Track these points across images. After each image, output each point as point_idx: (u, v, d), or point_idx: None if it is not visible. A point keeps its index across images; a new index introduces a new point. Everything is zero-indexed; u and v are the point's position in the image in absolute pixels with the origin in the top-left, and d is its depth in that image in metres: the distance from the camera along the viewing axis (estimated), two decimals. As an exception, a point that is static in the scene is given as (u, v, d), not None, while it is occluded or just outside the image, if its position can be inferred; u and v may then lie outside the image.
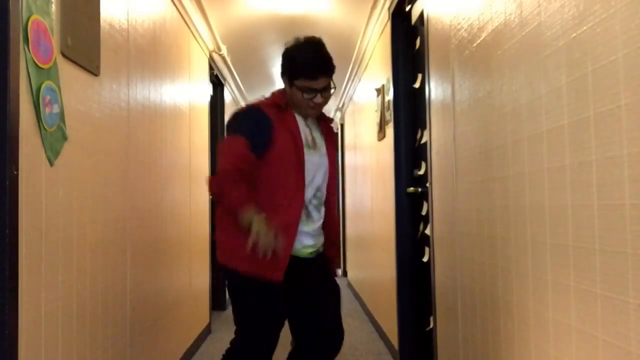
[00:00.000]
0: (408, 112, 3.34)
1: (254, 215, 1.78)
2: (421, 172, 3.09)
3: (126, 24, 2.37)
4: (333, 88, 2.02)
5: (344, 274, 7.35)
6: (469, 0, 1.96)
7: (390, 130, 3.52)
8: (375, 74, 4.18)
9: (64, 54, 1.74)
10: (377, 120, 4.01)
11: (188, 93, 3.67)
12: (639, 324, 1.03)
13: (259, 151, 1.90)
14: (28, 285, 1.53)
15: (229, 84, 5.61)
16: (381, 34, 3.82)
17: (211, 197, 1.99)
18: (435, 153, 2.50)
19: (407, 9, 3.16)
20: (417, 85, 3.15)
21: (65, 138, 1.75)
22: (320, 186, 2.06)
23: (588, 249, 1.19)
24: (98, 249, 2.03)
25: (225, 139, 1.96)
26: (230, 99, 5.86)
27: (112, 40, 2.20)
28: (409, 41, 3.32)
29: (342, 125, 7.34)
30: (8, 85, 1.41)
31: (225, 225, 1.98)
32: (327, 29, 4.37)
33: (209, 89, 4.57)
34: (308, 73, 1.93)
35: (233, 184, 1.84)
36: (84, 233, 1.90)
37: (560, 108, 1.30)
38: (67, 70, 1.78)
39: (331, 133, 2.19)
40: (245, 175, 1.88)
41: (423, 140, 2.94)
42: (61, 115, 1.71)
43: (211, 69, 4.56)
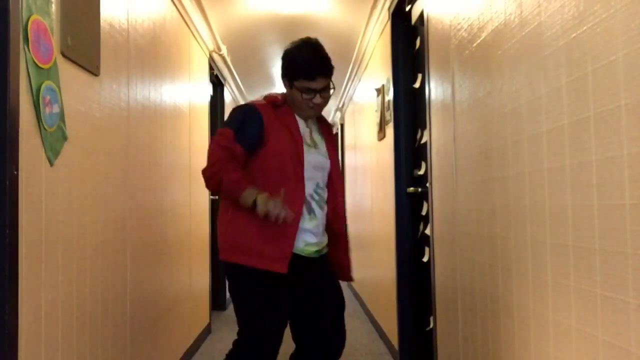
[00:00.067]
0: (408, 112, 3.34)
1: (255, 193, 1.80)
2: (421, 172, 3.09)
3: (126, 24, 2.37)
4: (332, 89, 2.04)
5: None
6: (469, 0, 1.96)
7: (390, 130, 3.52)
8: (375, 74, 4.18)
9: (64, 54, 1.74)
10: (377, 120, 4.02)
11: (188, 93, 3.67)
12: (639, 324, 1.03)
13: (247, 144, 1.92)
14: (28, 285, 1.53)
15: (229, 84, 5.61)
16: (381, 34, 3.82)
17: (210, 189, 1.99)
18: (435, 153, 2.50)
19: (407, 9, 3.16)
20: (417, 85, 3.15)
21: (65, 138, 1.75)
22: (321, 184, 2.06)
23: (588, 249, 1.19)
24: (98, 249, 2.03)
25: (215, 135, 1.99)
26: (230, 99, 5.85)
27: (112, 40, 2.20)
28: (409, 41, 3.32)
29: (342, 125, 7.34)
30: (8, 85, 1.41)
31: (226, 222, 1.97)
32: (327, 29, 4.38)
33: (209, 89, 4.57)
34: (307, 73, 1.95)
35: (227, 170, 1.86)
36: (84, 233, 1.90)
37: (560, 108, 1.30)
38: (67, 70, 1.78)
39: (332, 137, 2.20)
40: (236, 162, 1.90)
41: (423, 140, 2.94)
42: (61, 115, 1.71)
43: (211, 69, 4.56)
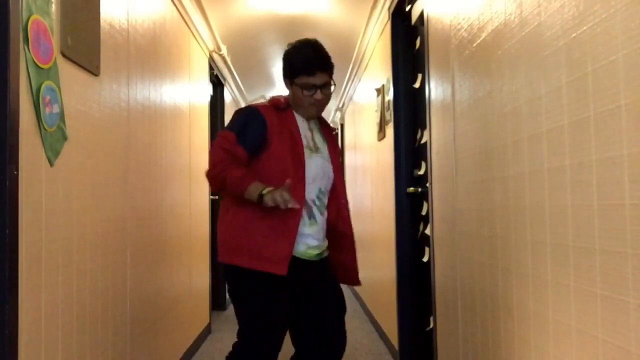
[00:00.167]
0: (408, 112, 3.34)
1: (261, 186, 1.80)
2: (421, 172, 3.09)
3: (126, 24, 2.37)
4: (333, 85, 2.04)
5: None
6: (469, 0, 1.96)
7: (390, 130, 3.52)
8: (375, 74, 4.18)
9: (64, 54, 1.74)
10: (377, 120, 4.01)
11: (188, 93, 3.67)
12: (639, 324, 1.03)
13: (249, 147, 1.92)
14: (28, 285, 1.53)
15: (229, 84, 5.61)
16: (381, 34, 3.82)
17: (214, 190, 1.98)
18: (435, 153, 2.50)
19: (407, 9, 3.16)
20: (417, 85, 3.15)
21: (65, 138, 1.75)
22: (323, 188, 2.05)
23: (588, 249, 1.19)
24: (98, 249, 2.03)
25: (217, 137, 1.99)
26: (230, 99, 5.85)
27: (112, 40, 2.20)
28: (409, 41, 3.32)
29: (342, 125, 7.34)
30: (8, 85, 1.41)
31: (227, 223, 1.97)
32: (327, 29, 4.38)
33: (209, 89, 4.57)
34: (306, 69, 1.97)
35: (230, 168, 1.86)
36: (84, 233, 1.90)
37: (560, 108, 1.30)
38: (67, 70, 1.78)
39: (333, 139, 2.19)
40: (238, 162, 1.89)
41: (423, 140, 2.94)
42: (61, 115, 1.71)
43: (211, 69, 4.56)
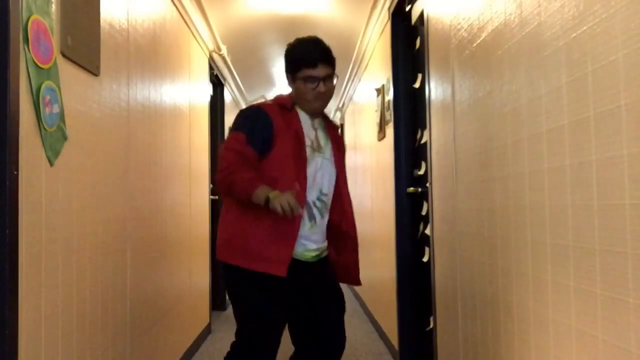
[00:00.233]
0: (408, 112, 3.34)
1: (267, 190, 1.79)
2: (421, 172, 3.09)
3: (126, 24, 2.37)
4: (336, 77, 2.04)
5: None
6: (469, 0, 1.96)
7: (390, 130, 3.52)
8: (375, 74, 4.18)
9: (64, 54, 1.74)
10: (377, 120, 4.01)
11: (188, 93, 3.67)
12: (639, 324, 1.03)
13: (259, 148, 1.92)
14: (28, 285, 1.53)
15: (229, 84, 5.61)
16: (381, 34, 3.82)
17: (223, 193, 1.97)
18: (435, 153, 2.50)
19: (407, 9, 3.16)
20: (417, 85, 3.15)
21: (65, 138, 1.75)
22: (324, 190, 2.05)
23: (588, 249, 1.19)
24: (98, 249, 2.03)
25: (227, 138, 1.99)
26: (230, 99, 5.86)
27: (112, 40, 2.20)
28: (409, 41, 3.32)
29: (342, 125, 7.34)
30: (8, 85, 1.41)
31: (228, 222, 1.97)
32: (327, 29, 4.37)
33: (209, 89, 4.57)
34: (308, 61, 1.97)
35: (239, 171, 1.86)
36: (84, 233, 1.90)
37: (560, 108, 1.30)
38: (67, 70, 1.78)
39: (338, 138, 2.18)
40: (248, 165, 1.89)
41: (423, 140, 2.94)
42: (61, 115, 1.71)
43: (211, 69, 4.56)
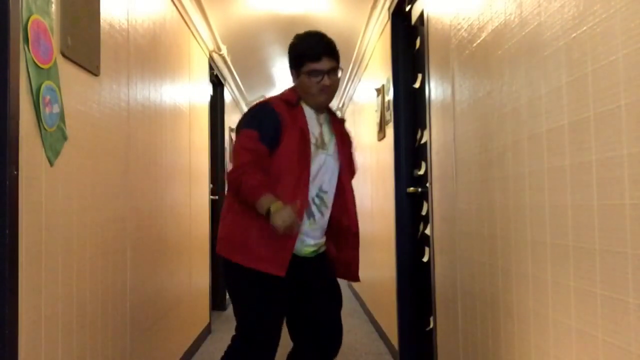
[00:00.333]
0: (408, 112, 3.34)
1: (270, 201, 1.79)
2: (421, 172, 3.09)
3: (126, 24, 2.37)
4: (340, 70, 2.04)
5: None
6: (469, 0, 1.96)
7: (390, 130, 3.52)
8: (375, 74, 4.18)
9: (64, 54, 1.74)
10: (377, 120, 4.01)
11: (188, 93, 3.67)
12: (639, 324, 1.03)
13: (269, 144, 1.92)
14: (28, 285, 1.53)
15: (229, 84, 5.61)
16: (381, 34, 3.82)
17: (232, 192, 1.97)
18: (435, 153, 2.50)
19: (407, 9, 3.16)
20: (417, 85, 3.15)
21: (65, 138, 1.75)
22: (324, 187, 2.04)
23: (588, 249, 1.19)
24: (98, 249, 2.03)
25: (238, 136, 1.97)
26: (230, 99, 5.85)
27: (112, 40, 2.20)
28: (409, 41, 3.32)
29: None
30: (8, 85, 1.41)
31: (230, 219, 1.97)
32: (327, 29, 4.35)
33: (209, 89, 4.57)
34: (311, 54, 1.97)
35: (247, 174, 1.86)
36: (84, 233, 1.90)
37: (560, 108, 1.30)
38: (67, 70, 1.78)
39: (345, 136, 2.18)
40: (260, 166, 1.89)
41: (423, 140, 2.94)
42: (61, 115, 1.71)
43: (211, 69, 4.56)
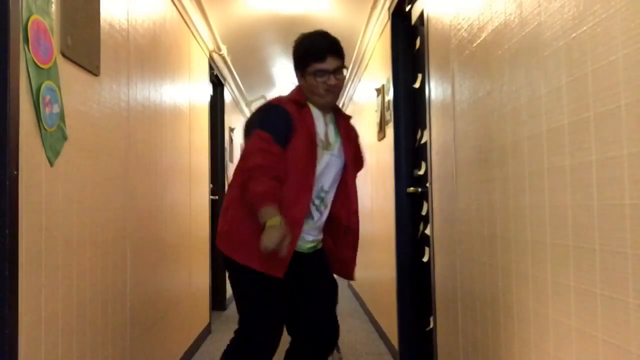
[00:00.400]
0: (408, 112, 3.34)
1: (269, 215, 1.74)
2: (421, 172, 3.09)
3: (126, 24, 2.37)
4: (345, 68, 2.04)
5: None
6: (469, 0, 1.96)
7: (390, 130, 3.52)
8: (375, 74, 4.18)
9: (64, 54, 1.74)
10: (377, 120, 4.01)
11: (188, 93, 3.67)
12: (639, 324, 1.03)
13: (283, 145, 1.89)
14: (28, 285, 1.53)
15: (229, 84, 5.61)
16: (381, 34, 3.82)
17: (236, 187, 1.93)
18: (435, 153, 2.50)
19: (407, 9, 3.16)
20: (417, 85, 3.15)
21: (65, 138, 1.75)
22: (325, 187, 2.04)
23: (588, 249, 1.19)
24: (98, 249, 2.03)
25: (252, 137, 1.91)
26: (230, 99, 5.85)
27: (112, 40, 2.20)
28: (409, 41, 3.32)
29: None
30: (8, 85, 1.41)
31: (230, 215, 1.96)
32: (327, 29, 4.34)
33: (209, 89, 4.57)
34: (316, 54, 1.97)
35: (255, 179, 1.80)
36: (84, 233, 1.90)
37: (560, 108, 1.30)
38: (67, 70, 1.78)
39: (351, 132, 2.16)
40: (273, 171, 1.83)
41: (423, 140, 2.94)
42: (61, 115, 1.71)
43: (211, 69, 4.56)
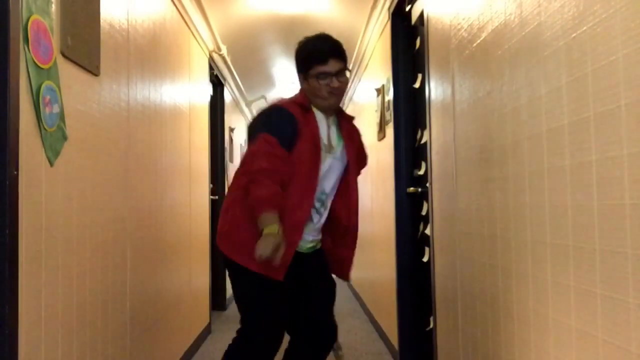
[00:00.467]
0: (408, 112, 3.34)
1: (268, 222, 1.73)
2: (421, 172, 3.09)
3: (126, 24, 2.37)
4: (348, 70, 2.04)
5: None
6: (469, 0, 1.96)
7: (390, 130, 3.52)
8: (375, 74, 4.18)
9: (64, 54, 1.74)
10: (377, 120, 4.01)
11: (188, 93, 3.67)
12: (639, 324, 1.03)
13: (288, 148, 1.89)
14: (28, 285, 1.53)
15: (229, 84, 5.61)
16: (381, 34, 3.82)
17: (238, 188, 1.93)
18: (435, 153, 2.50)
19: (407, 9, 3.16)
20: (417, 85, 3.15)
21: (65, 138, 1.75)
22: (327, 190, 2.05)
23: (588, 249, 1.19)
24: (98, 249, 2.03)
25: (257, 140, 1.89)
26: (230, 99, 5.85)
27: (112, 40, 2.20)
28: (409, 41, 3.32)
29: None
30: (8, 85, 1.41)
31: (233, 216, 1.96)
32: (327, 29, 4.34)
33: (209, 89, 4.57)
34: (318, 57, 1.97)
35: (258, 184, 1.79)
36: (84, 233, 1.90)
37: (560, 108, 1.30)
38: (67, 70, 1.78)
39: (354, 134, 2.16)
40: (277, 175, 1.82)
41: (423, 140, 2.94)
42: (61, 115, 1.71)
43: (211, 69, 4.55)
